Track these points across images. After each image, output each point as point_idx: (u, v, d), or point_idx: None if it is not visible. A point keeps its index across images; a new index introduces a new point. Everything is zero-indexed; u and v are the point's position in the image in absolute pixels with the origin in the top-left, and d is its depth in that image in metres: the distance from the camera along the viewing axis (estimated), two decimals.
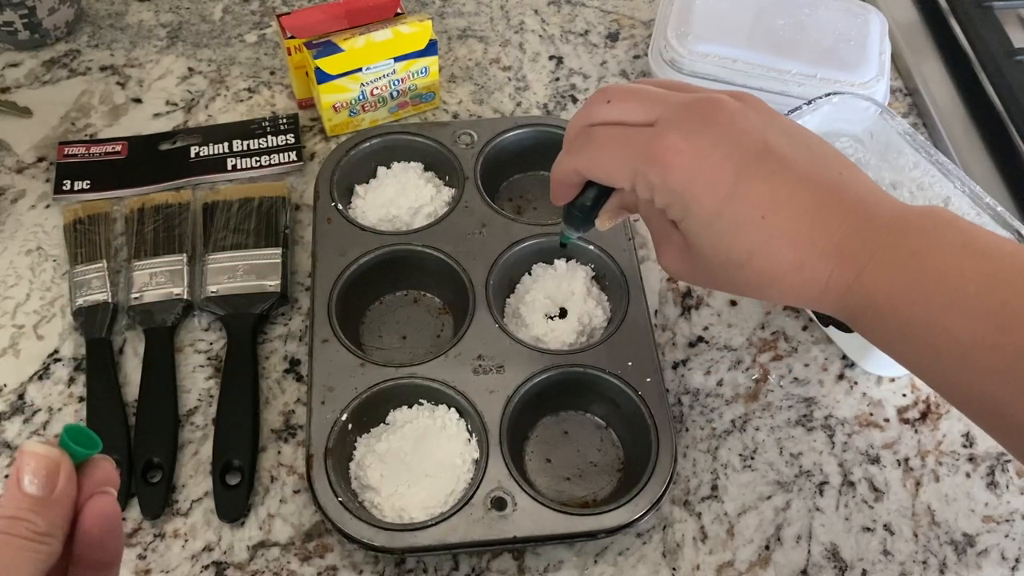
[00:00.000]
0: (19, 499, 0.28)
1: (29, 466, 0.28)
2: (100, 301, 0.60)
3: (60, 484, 0.28)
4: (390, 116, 0.73)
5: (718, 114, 0.41)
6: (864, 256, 0.40)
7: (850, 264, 0.40)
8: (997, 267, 0.38)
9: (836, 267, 0.40)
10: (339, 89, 0.69)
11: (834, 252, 0.40)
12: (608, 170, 0.44)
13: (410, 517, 0.51)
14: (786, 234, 0.41)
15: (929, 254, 0.39)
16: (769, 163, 0.41)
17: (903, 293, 0.39)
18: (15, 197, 0.68)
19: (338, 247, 0.61)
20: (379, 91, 0.71)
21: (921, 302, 0.38)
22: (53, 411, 0.57)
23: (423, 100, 0.74)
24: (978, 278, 0.38)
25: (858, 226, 0.40)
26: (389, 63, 0.69)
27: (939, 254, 0.39)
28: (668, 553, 0.53)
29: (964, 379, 0.39)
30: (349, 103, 0.70)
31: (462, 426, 0.55)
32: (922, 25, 0.84)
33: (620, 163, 0.43)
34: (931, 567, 0.54)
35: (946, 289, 0.38)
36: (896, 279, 0.39)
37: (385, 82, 0.70)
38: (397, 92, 0.72)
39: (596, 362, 0.57)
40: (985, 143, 0.74)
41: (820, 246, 0.40)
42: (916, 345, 0.40)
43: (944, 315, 0.38)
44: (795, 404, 0.60)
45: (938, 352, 0.39)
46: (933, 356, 0.39)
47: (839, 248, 0.40)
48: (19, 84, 0.75)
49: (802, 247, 0.41)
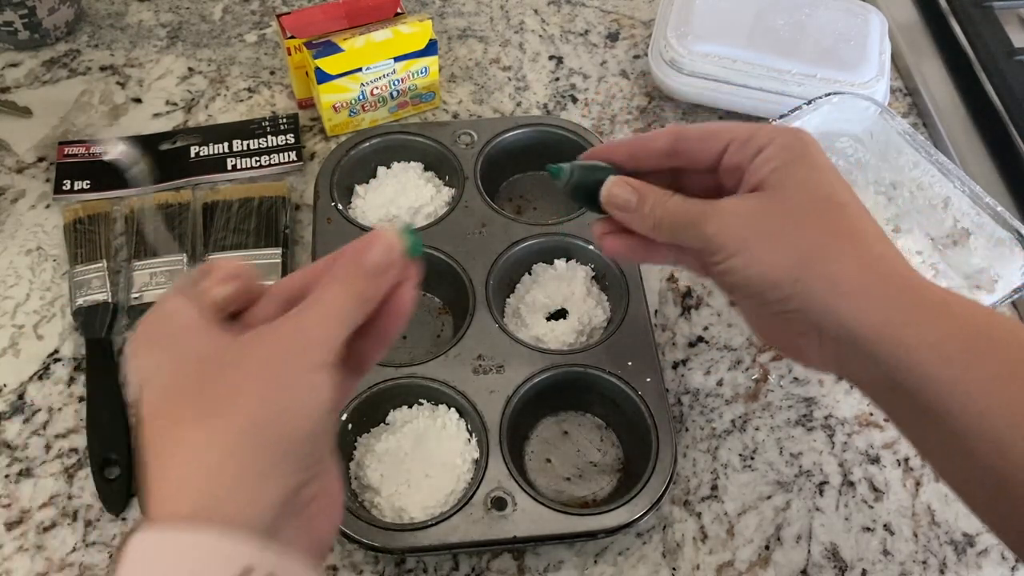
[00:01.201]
0: (359, 264, 0.35)
1: (380, 241, 0.35)
2: (100, 301, 0.60)
3: (395, 264, 0.36)
4: (390, 116, 0.73)
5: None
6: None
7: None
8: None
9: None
10: (339, 89, 0.69)
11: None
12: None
13: (410, 517, 0.51)
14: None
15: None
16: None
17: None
18: (15, 197, 0.68)
19: (338, 247, 0.61)
20: (379, 91, 0.71)
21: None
22: (53, 411, 0.57)
23: (423, 100, 0.74)
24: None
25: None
26: (389, 63, 0.69)
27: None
28: (668, 553, 0.53)
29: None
30: (349, 103, 0.70)
31: (462, 426, 0.55)
32: (922, 25, 0.84)
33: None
34: (931, 567, 0.54)
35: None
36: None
37: (385, 82, 0.70)
38: (397, 92, 0.72)
39: (596, 362, 0.57)
40: (985, 143, 0.74)
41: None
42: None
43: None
44: (795, 404, 0.60)
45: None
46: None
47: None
48: (19, 84, 0.75)
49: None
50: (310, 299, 0.35)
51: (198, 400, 0.32)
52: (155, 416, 0.32)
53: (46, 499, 0.54)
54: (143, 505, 0.32)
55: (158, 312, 0.35)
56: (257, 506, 0.31)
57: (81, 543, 0.53)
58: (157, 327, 0.34)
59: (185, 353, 0.33)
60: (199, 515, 0.30)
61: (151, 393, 0.32)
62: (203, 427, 0.31)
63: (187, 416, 0.31)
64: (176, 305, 0.35)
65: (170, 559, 0.30)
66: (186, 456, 0.31)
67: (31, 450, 0.56)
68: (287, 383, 0.32)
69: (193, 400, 0.32)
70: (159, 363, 0.33)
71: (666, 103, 0.76)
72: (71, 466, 0.55)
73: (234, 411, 0.31)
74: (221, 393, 0.32)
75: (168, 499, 0.31)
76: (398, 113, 0.74)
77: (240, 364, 0.32)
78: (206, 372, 0.32)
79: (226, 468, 0.31)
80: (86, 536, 0.53)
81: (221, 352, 0.33)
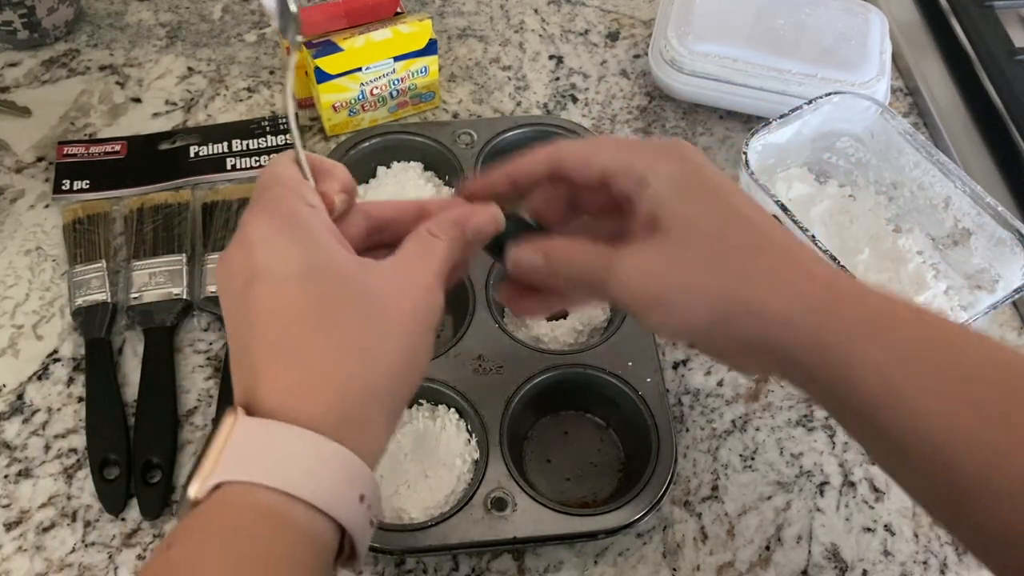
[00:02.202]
0: (464, 228, 0.39)
1: (488, 213, 0.40)
2: (99, 301, 0.60)
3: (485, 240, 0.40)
4: (390, 116, 0.73)
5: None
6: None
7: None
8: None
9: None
10: (339, 89, 0.69)
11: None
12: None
13: (410, 517, 0.51)
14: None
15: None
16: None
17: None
18: (14, 197, 0.68)
19: None
20: (379, 91, 0.71)
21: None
22: (52, 411, 0.57)
23: (423, 100, 0.74)
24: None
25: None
26: (389, 62, 0.69)
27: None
28: (668, 553, 0.53)
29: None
30: (349, 103, 0.70)
31: (462, 426, 0.55)
32: (923, 25, 0.83)
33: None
34: (931, 567, 0.54)
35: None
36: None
37: (385, 82, 0.70)
38: (397, 92, 0.72)
39: (596, 362, 0.56)
40: (985, 143, 0.74)
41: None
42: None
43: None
44: (795, 404, 0.60)
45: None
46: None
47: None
48: (18, 84, 0.75)
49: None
50: (422, 247, 0.38)
51: (346, 322, 0.33)
52: (290, 310, 0.33)
53: (45, 499, 0.54)
54: (250, 390, 0.33)
55: (285, 193, 0.36)
56: (378, 443, 0.34)
57: (80, 543, 0.52)
58: (288, 214, 0.35)
59: (320, 260, 0.34)
60: (334, 430, 0.31)
61: (281, 282, 0.33)
62: (355, 355, 0.33)
63: (338, 334, 0.33)
64: (306, 197, 0.36)
65: (300, 454, 0.31)
66: (332, 372, 0.32)
67: (30, 450, 0.56)
68: (420, 343, 0.36)
69: (341, 319, 0.33)
70: (289, 254, 0.34)
71: (666, 103, 0.76)
72: (70, 466, 0.55)
73: (383, 353, 0.34)
74: (369, 328, 0.34)
75: (300, 399, 0.32)
76: (398, 113, 0.74)
77: (384, 304, 0.35)
78: (351, 296, 0.34)
79: (366, 402, 0.33)
80: (85, 536, 0.53)
81: (360, 279, 0.35)
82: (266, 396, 0.32)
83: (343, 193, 0.38)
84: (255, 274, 0.33)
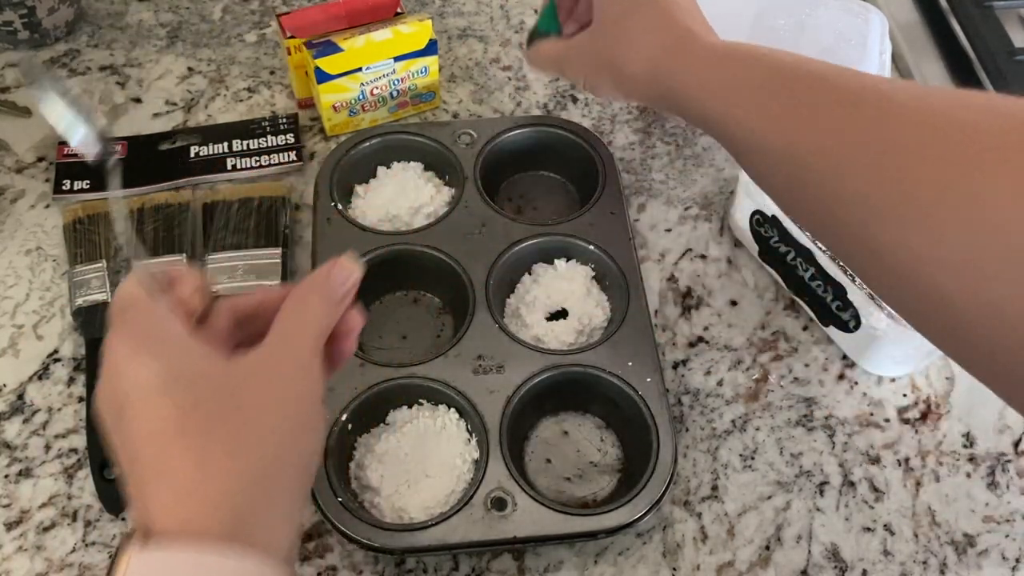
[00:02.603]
0: (326, 284, 0.38)
1: (343, 266, 0.39)
2: (100, 301, 0.60)
3: (353, 290, 0.39)
4: (390, 116, 0.73)
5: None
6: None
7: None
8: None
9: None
10: (339, 89, 0.69)
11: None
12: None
13: (410, 517, 0.51)
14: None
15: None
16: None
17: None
18: (15, 197, 0.68)
19: (338, 247, 0.61)
20: (379, 91, 0.71)
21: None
22: (53, 411, 0.57)
23: (423, 100, 0.74)
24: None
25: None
26: (389, 63, 0.69)
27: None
28: (668, 553, 0.53)
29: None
30: (349, 103, 0.70)
31: (462, 426, 0.55)
32: (922, 25, 0.83)
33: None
34: (931, 567, 0.54)
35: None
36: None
37: (385, 82, 0.70)
38: (397, 92, 0.72)
39: (596, 362, 0.57)
40: None
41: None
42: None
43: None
44: (795, 404, 0.60)
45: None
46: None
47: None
48: (19, 84, 0.75)
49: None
50: (292, 318, 0.37)
51: (215, 426, 0.32)
52: (158, 425, 0.32)
53: (46, 499, 0.54)
54: (140, 516, 0.32)
55: (137, 313, 0.35)
56: (285, 527, 0.34)
57: (81, 543, 0.52)
58: (143, 330, 0.34)
59: (184, 368, 0.33)
60: (231, 534, 0.31)
61: (147, 398, 0.32)
62: (227, 457, 0.32)
63: (209, 439, 0.32)
64: (158, 310, 0.35)
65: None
66: (210, 478, 0.31)
67: (31, 450, 0.56)
68: (305, 421, 0.35)
69: (210, 422, 0.32)
70: (152, 371, 0.33)
71: None
72: (71, 466, 0.55)
73: (260, 446, 0.33)
74: (241, 426, 0.33)
75: (188, 512, 0.31)
76: (398, 113, 0.74)
77: (256, 396, 0.34)
78: (221, 397, 0.33)
79: (257, 496, 0.32)
80: (86, 536, 0.53)
81: (225, 375, 0.34)
82: (157, 517, 0.31)
83: (197, 293, 0.37)
84: (125, 395, 0.33)
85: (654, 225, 0.68)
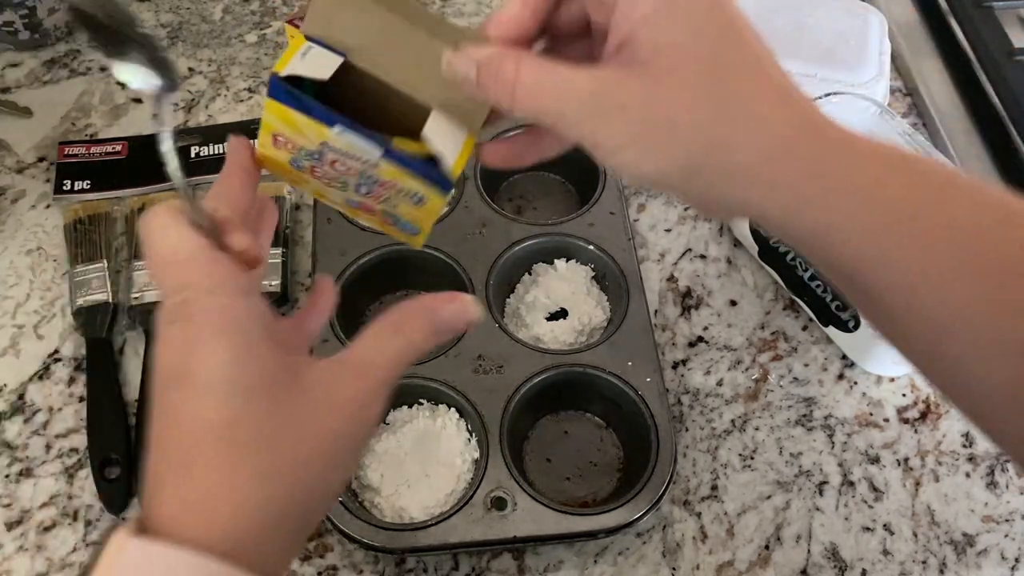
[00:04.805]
0: (441, 328, 0.35)
1: (460, 304, 0.36)
2: (100, 301, 0.60)
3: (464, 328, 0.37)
4: (344, 208, 0.72)
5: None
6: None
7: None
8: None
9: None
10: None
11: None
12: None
13: (410, 517, 0.51)
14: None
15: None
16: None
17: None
18: (15, 197, 0.68)
19: (338, 247, 0.61)
20: (340, 170, 0.69)
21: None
22: (53, 411, 0.57)
23: (401, 228, 0.72)
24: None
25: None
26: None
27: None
28: (668, 553, 0.53)
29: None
30: (296, 149, 0.69)
31: (462, 426, 0.55)
32: (922, 25, 0.84)
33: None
34: (931, 567, 0.54)
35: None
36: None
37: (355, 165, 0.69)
38: (367, 189, 0.70)
39: (596, 362, 0.57)
40: (985, 143, 0.74)
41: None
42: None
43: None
44: (795, 404, 0.60)
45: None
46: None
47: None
48: (19, 84, 0.75)
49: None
50: (380, 335, 0.35)
51: (260, 446, 0.31)
52: (201, 424, 0.30)
53: (46, 499, 0.54)
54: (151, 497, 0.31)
55: (227, 287, 0.32)
56: (280, 563, 0.32)
57: (81, 543, 0.53)
58: (231, 309, 0.32)
59: (254, 375, 0.31)
60: (227, 553, 0.29)
61: (204, 395, 0.30)
62: (257, 480, 0.30)
63: (247, 457, 0.30)
64: (251, 287, 0.33)
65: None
66: (231, 494, 0.30)
67: (31, 450, 0.56)
68: (342, 462, 0.33)
69: (254, 442, 0.31)
70: (223, 363, 0.31)
71: None
72: (71, 466, 0.55)
73: (294, 479, 0.31)
74: (283, 451, 0.31)
75: (195, 518, 0.30)
76: (358, 213, 0.72)
77: (309, 419, 0.32)
78: (274, 415, 0.31)
79: (269, 526, 0.31)
80: (86, 536, 0.53)
81: (287, 390, 0.32)
82: (160, 510, 0.30)
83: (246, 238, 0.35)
84: (187, 371, 0.31)
85: (654, 225, 0.68)
